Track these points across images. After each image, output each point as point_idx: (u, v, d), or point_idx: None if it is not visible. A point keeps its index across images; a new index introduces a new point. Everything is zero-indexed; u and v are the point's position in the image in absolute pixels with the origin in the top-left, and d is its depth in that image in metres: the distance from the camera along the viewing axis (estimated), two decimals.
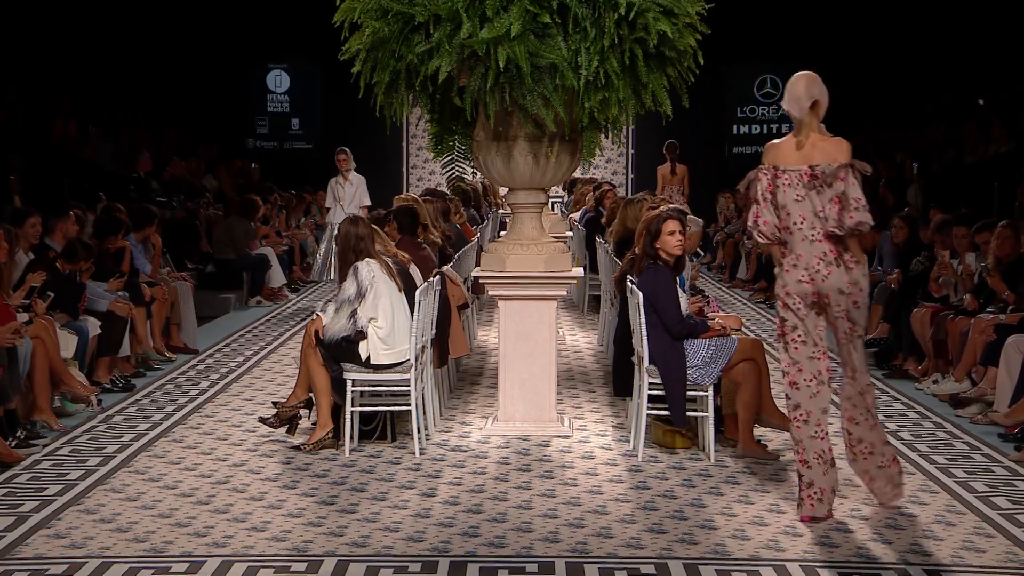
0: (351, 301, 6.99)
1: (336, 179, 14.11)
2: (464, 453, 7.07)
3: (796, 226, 5.71)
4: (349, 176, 14.09)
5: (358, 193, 14.00)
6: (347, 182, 14.07)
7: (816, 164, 5.67)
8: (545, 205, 7.85)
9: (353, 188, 14.02)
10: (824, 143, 5.72)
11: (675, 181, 17.94)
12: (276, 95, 21.73)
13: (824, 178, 5.66)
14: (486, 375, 9.60)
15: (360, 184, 14.08)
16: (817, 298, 5.74)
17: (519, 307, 7.59)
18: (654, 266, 6.99)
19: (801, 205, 5.70)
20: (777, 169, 5.75)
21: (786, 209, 5.72)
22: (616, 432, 7.59)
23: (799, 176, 5.70)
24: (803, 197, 5.69)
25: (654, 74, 6.88)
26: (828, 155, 5.68)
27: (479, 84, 6.80)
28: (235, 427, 7.71)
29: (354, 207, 13.67)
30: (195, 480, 6.44)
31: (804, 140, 5.72)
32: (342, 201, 13.90)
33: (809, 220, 5.68)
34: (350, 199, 13.94)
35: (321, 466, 6.74)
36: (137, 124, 17.75)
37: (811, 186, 5.67)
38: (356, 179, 14.09)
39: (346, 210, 13.41)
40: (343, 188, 14.04)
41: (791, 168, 5.71)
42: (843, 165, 5.65)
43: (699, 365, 6.87)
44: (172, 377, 9.47)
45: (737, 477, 6.52)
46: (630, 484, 6.41)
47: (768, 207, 5.76)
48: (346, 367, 7.02)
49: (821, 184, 5.66)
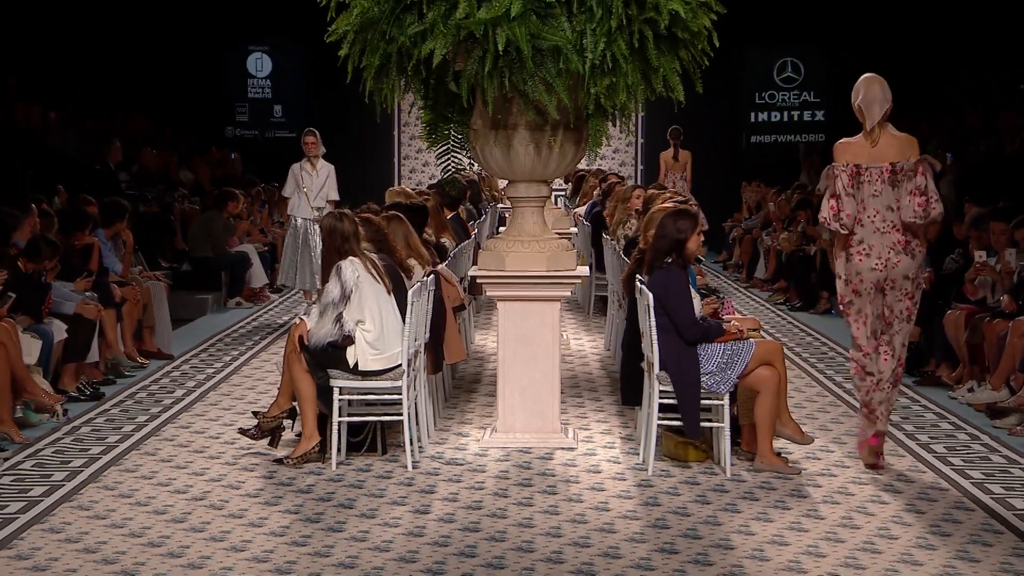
0: (335, 304, 7.00)
1: (301, 164, 12.92)
2: (460, 467, 7.08)
3: (870, 219, 6.86)
4: (317, 164, 12.90)
5: (326, 185, 12.87)
6: (314, 170, 12.87)
7: (895, 161, 6.82)
8: (547, 199, 7.87)
9: (320, 178, 12.85)
10: (896, 140, 6.87)
11: (678, 167, 18.35)
12: (257, 80, 21.74)
13: (904, 173, 6.81)
14: (484, 382, 9.61)
15: (328, 174, 12.92)
16: (884, 283, 6.93)
17: (519, 309, 7.60)
18: (666, 265, 7.00)
19: (877, 200, 6.84)
20: (859, 167, 6.86)
21: (863, 203, 6.86)
22: (624, 444, 7.60)
23: (880, 173, 6.84)
24: (880, 192, 6.84)
25: (665, 57, 6.89)
26: (902, 152, 6.83)
27: (476, 68, 6.81)
28: (213, 439, 7.72)
29: (320, 200, 12.74)
30: (169, 496, 6.45)
31: (878, 139, 6.87)
32: (307, 191, 12.79)
33: (882, 213, 6.84)
34: (316, 190, 12.81)
35: (306, 481, 6.75)
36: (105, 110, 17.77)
37: (891, 182, 6.81)
38: (324, 168, 12.93)
39: (312, 203, 12.66)
40: (310, 176, 12.84)
41: (873, 165, 6.84)
42: (918, 160, 6.83)
43: (714, 371, 6.88)
44: (144, 385, 9.48)
45: (755, 493, 6.53)
46: (639, 500, 6.42)
47: (850, 201, 6.86)
48: (332, 374, 7.03)
49: (901, 179, 6.81)
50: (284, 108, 21.69)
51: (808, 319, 12.97)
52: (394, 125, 22.16)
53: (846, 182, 6.86)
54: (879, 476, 6.85)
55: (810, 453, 7.30)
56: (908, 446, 7.52)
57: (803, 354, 10.91)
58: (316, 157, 12.90)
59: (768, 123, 21.64)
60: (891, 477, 6.84)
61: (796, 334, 12.14)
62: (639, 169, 22.25)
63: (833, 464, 7.11)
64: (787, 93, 21.55)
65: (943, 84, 19.41)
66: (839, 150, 6.97)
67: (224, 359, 10.67)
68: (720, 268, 18.20)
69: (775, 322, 12.90)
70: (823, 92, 21.00)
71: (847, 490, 6.59)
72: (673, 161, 18.52)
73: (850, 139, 6.97)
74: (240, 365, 10.35)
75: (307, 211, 12.69)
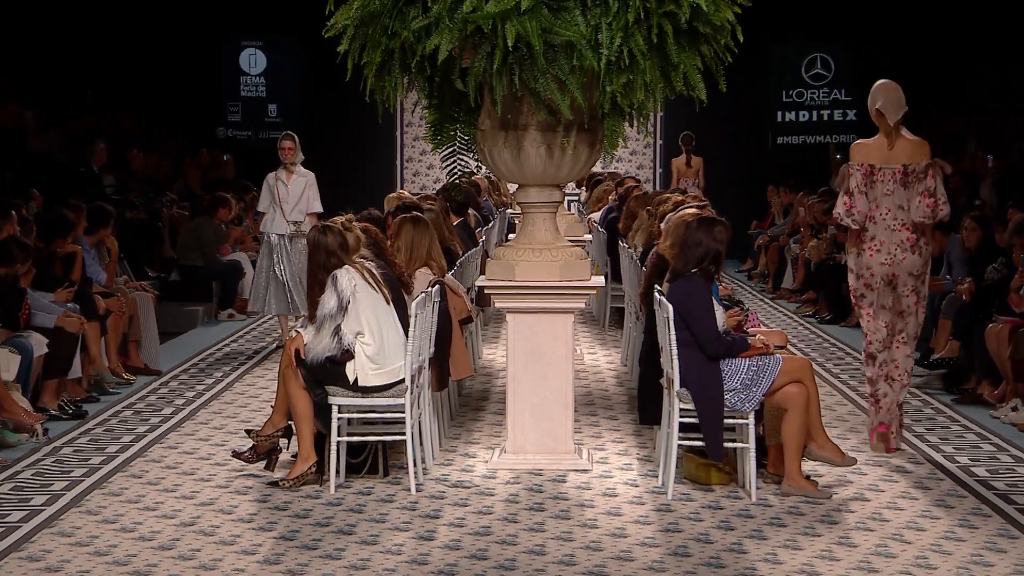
0: (333, 316, 7.00)
1: (277, 174, 12.06)
2: (467, 490, 7.07)
3: (881, 216, 7.74)
4: (295, 171, 12.05)
5: (305, 195, 12.00)
6: (291, 179, 12.00)
7: (908, 163, 7.69)
8: (560, 204, 7.87)
9: (298, 189, 11.99)
10: (910, 144, 7.76)
11: (690, 173, 19.00)
12: (250, 77, 21.80)
13: (915, 175, 7.69)
14: (492, 400, 9.61)
15: (308, 184, 12.07)
16: (892, 277, 7.78)
17: (530, 321, 7.60)
18: (688, 275, 6.99)
19: (889, 199, 7.72)
20: (873, 167, 7.73)
21: (876, 202, 7.73)
22: (642, 466, 7.59)
23: (893, 174, 7.71)
24: (892, 192, 7.71)
25: (686, 53, 6.89)
26: (914, 155, 7.73)
27: (484, 65, 6.82)
28: (203, 460, 7.73)
29: (299, 214, 11.93)
30: (156, 521, 6.46)
31: (894, 141, 7.74)
32: (283, 204, 11.92)
33: (893, 212, 7.71)
34: (293, 203, 11.94)
35: (302, 505, 6.75)
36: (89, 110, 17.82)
37: (903, 183, 7.69)
38: (303, 176, 12.07)
39: (288, 216, 11.89)
40: (285, 187, 11.97)
41: (887, 167, 7.71)
42: (929, 163, 7.71)
43: (738, 388, 6.88)
44: (130, 403, 9.49)
45: (783, 519, 6.52)
46: (659, 526, 6.41)
47: (863, 199, 7.73)
48: (331, 391, 7.03)
49: (912, 180, 7.69)
50: (279, 107, 21.74)
51: (839, 332, 12.94)
52: (396, 126, 22.19)
53: (860, 181, 7.73)
54: (917, 500, 6.83)
55: (842, 476, 7.28)
56: (948, 469, 7.50)
57: (833, 370, 10.88)
58: (294, 164, 12.06)
59: (796, 123, 21.64)
60: (930, 502, 6.82)
61: (826, 348, 12.11)
62: (657, 172, 22.25)
63: (867, 487, 7.10)
64: (816, 91, 21.55)
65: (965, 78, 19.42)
66: (855, 150, 7.88)
67: (215, 375, 10.68)
68: (744, 278, 18.19)
69: (804, 336, 12.88)
70: (854, 90, 20.98)
71: (882, 516, 6.57)
72: (686, 167, 19.06)
73: (867, 140, 7.87)
74: (232, 381, 10.36)
75: (282, 226, 11.94)
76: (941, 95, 19.63)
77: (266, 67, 21.78)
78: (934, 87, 19.72)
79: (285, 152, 12.08)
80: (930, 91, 19.44)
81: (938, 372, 10.02)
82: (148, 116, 19.31)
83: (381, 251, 7.52)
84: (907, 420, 8.64)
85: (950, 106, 18.72)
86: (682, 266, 7.03)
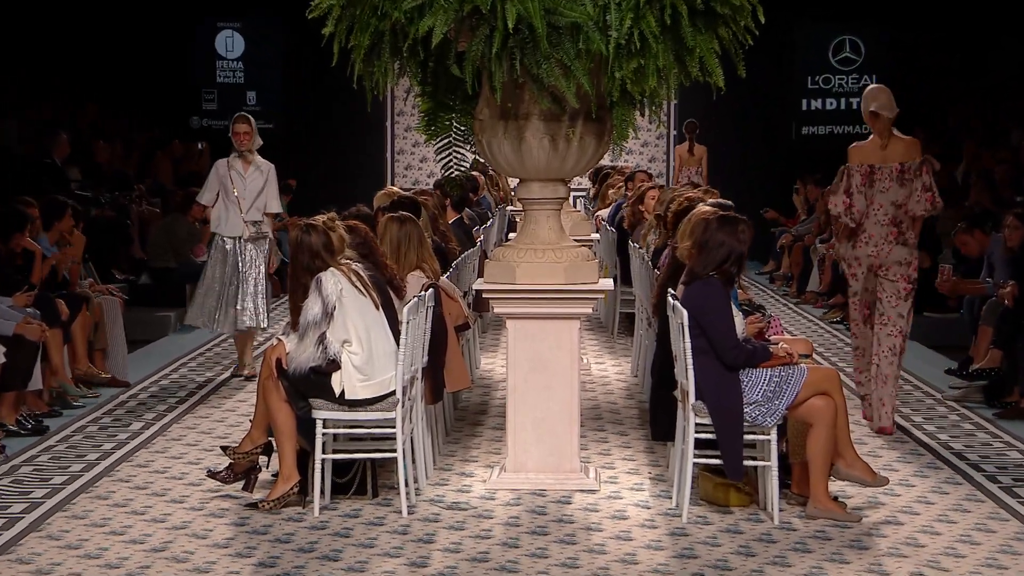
0: (317, 323, 7.01)
1: (230, 162, 10.98)
2: (464, 512, 7.08)
3: (874, 212, 8.86)
4: (252, 161, 10.98)
5: (265, 192, 10.98)
6: (247, 170, 10.94)
7: (903, 161, 8.83)
8: (565, 200, 7.89)
9: (257, 182, 10.94)
10: (903, 143, 8.90)
11: (693, 162, 19.90)
12: (227, 62, 21.84)
13: (911, 172, 8.82)
14: (491, 414, 9.62)
15: (267, 176, 11.00)
16: (878, 268, 8.91)
17: (533, 328, 7.61)
18: (706, 277, 7.00)
19: (885, 195, 8.84)
20: (873, 167, 8.84)
21: (872, 199, 8.85)
22: (655, 486, 7.60)
23: (890, 172, 8.84)
24: (887, 189, 8.83)
25: (702, 36, 6.91)
26: (908, 153, 8.87)
27: (483, 49, 6.83)
28: (175, 480, 7.73)
29: (256, 212, 10.94)
30: (124, 547, 6.46)
31: (887, 142, 8.86)
32: (240, 200, 10.89)
33: (885, 207, 8.84)
34: (251, 198, 10.91)
35: (284, 528, 6.76)
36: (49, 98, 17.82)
37: (900, 180, 8.81)
38: (261, 168, 10.99)
39: (245, 215, 10.90)
40: (242, 180, 10.92)
41: (884, 166, 8.84)
42: (922, 161, 8.85)
43: (759, 401, 6.88)
44: (96, 417, 9.50)
45: (808, 543, 6.53)
46: (672, 552, 6.42)
47: (860, 198, 8.84)
48: (315, 404, 7.04)
49: (908, 177, 8.82)
50: (258, 95, 21.77)
51: None
52: (387, 115, 22.23)
53: (859, 181, 8.86)
54: (955, 524, 6.84)
55: (872, 497, 7.29)
56: (988, 489, 7.50)
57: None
58: (251, 152, 10.95)
59: (822, 112, 21.66)
60: (968, 526, 6.83)
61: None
62: (671, 165, 22.28)
63: (900, 510, 7.11)
64: (844, 77, 21.56)
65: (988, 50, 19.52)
66: (853, 152, 8.99)
67: (189, 386, 10.69)
68: (766, 280, 18.20)
69: (831, 344, 12.89)
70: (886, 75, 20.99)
71: (916, 541, 6.58)
72: (688, 155, 19.87)
73: (862, 143, 9.04)
74: (208, 394, 10.37)
75: (238, 227, 10.91)
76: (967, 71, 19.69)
77: (244, 51, 21.80)
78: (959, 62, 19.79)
79: (240, 137, 10.91)
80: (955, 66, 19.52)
81: (978, 384, 10.02)
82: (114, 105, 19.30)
83: (371, 251, 7.52)
84: (944, 436, 8.76)
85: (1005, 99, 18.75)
86: (700, 268, 7.04)
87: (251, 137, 10.94)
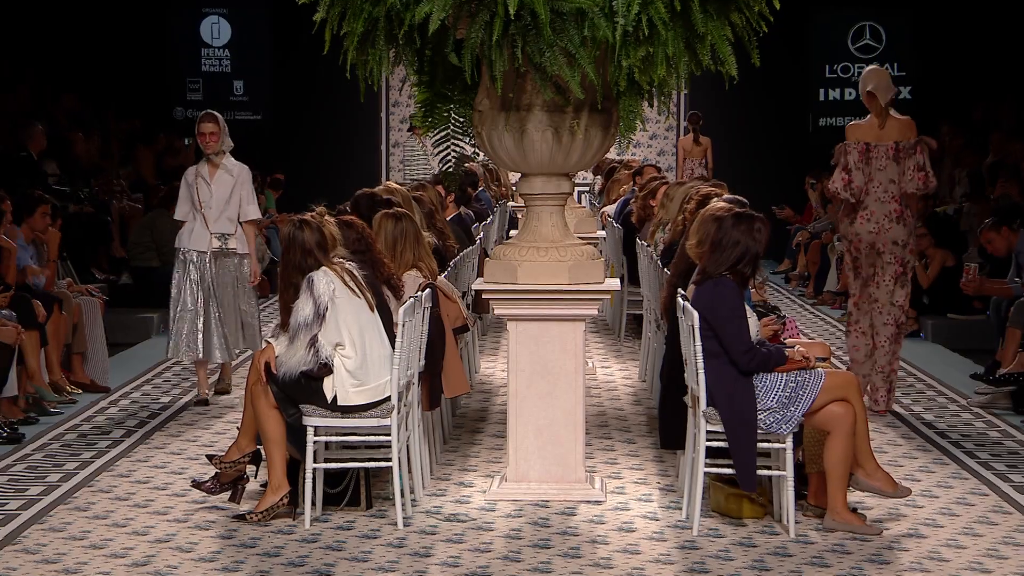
0: (308, 325, 7.01)
1: (197, 169, 10.29)
2: (462, 524, 7.09)
3: (874, 189, 9.64)
4: (221, 164, 10.22)
5: (236, 197, 10.21)
6: (215, 175, 10.19)
7: (899, 140, 9.61)
8: (569, 196, 7.89)
9: (225, 188, 10.19)
10: (899, 123, 9.71)
11: (697, 153, 20.29)
12: (213, 50, 21.86)
13: (905, 151, 9.63)
14: (491, 421, 9.63)
15: (240, 181, 10.25)
16: (877, 245, 9.66)
17: (535, 330, 7.62)
18: (718, 278, 7.00)
19: (882, 173, 9.63)
20: (869, 145, 9.64)
21: (870, 176, 9.64)
22: (664, 497, 7.61)
23: (886, 150, 9.64)
24: (884, 167, 9.63)
25: (714, 22, 6.91)
26: (904, 132, 9.65)
27: (482, 36, 6.84)
28: (159, 490, 7.74)
29: (227, 223, 10.19)
30: (104, 561, 6.47)
31: (884, 121, 9.66)
32: (205, 209, 10.15)
33: (884, 185, 9.63)
34: (219, 208, 10.16)
35: (273, 542, 6.77)
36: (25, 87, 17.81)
37: (895, 158, 9.61)
38: (232, 171, 10.25)
39: (211, 226, 10.16)
40: (208, 187, 10.17)
41: (880, 144, 9.63)
42: (917, 140, 9.64)
43: (774, 408, 6.89)
44: (74, 424, 9.51)
45: (825, 558, 6.54)
46: (683, 565, 6.43)
47: (859, 174, 9.64)
48: (306, 410, 7.05)
49: (903, 156, 9.62)
50: (246, 84, 21.80)
51: None
52: (381, 106, 22.24)
53: (856, 158, 9.63)
54: (981, 537, 6.84)
55: (893, 509, 7.30)
56: (1016, 501, 7.50)
57: None
58: (219, 155, 10.22)
59: (841, 102, 21.67)
60: (996, 539, 6.83)
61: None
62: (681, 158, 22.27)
63: (922, 522, 7.11)
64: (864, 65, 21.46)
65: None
66: (851, 130, 9.80)
67: (172, 392, 10.70)
68: (781, 280, 18.21)
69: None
70: (909, 64, 21.03)
71: (940, 555, 6.59)
72: (693, 146, 20.19)
73: (860, 121, 9.88)
74: (192, 400, 10.37)
75: (203, 240, 10.18)
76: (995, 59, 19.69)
77: (231, 38, 21.83)
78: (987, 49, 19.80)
79: (206, 139, 10.17)
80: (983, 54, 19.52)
81: (1005, 389, 10.03)
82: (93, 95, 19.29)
83: (369, 247, 7.53)
84: (970, 445, 8.79)
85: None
86: (713, 267, 7.04)
87: (219, 138, 10.18)
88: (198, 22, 21.75)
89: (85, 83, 19.45)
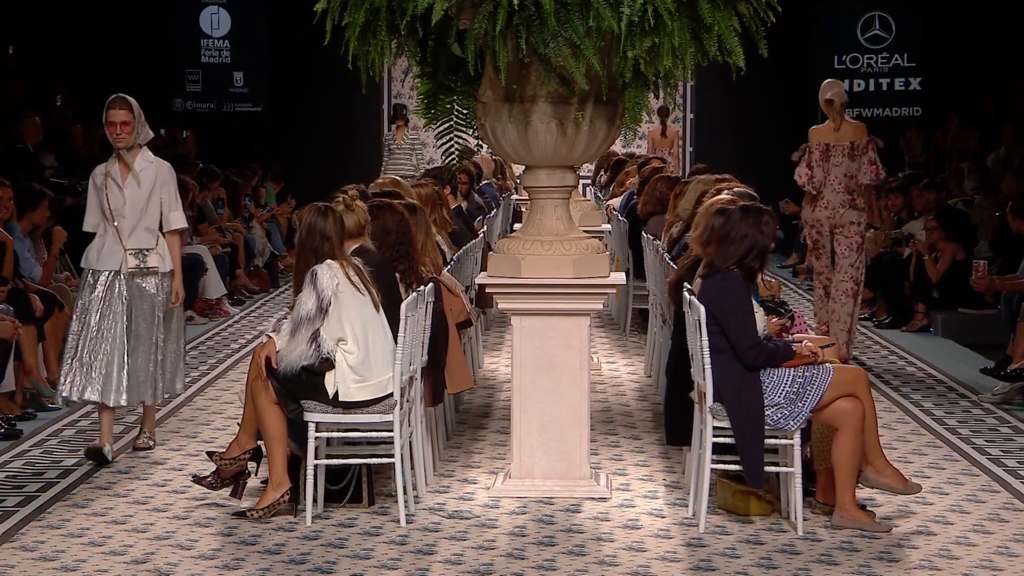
0: (311, 319, 7.01)
1: (107, 168, 8.45)
2: (466, 521, 7.10)
3: (831, 182, 11.59)
4: (135, 162, 8.41)
5: (155, 202, 8.41)
6: (127, 177, 8.38)
7: (853, 140, 11.59)
8: (574, 188, 7.90)
9: (142, 192, 8.37)
10: (852, 126, 11.80)
11: (665, 144, 21.57)
12: (212, 40, 21.85)
13: (859, 149, 11.58)
14: (495, 416, 9.64)
15: (160, 182, 8.45)
16: (836, 228, 11.61)
17: (539, 325, 7.63)
18: (724, 272, 7.01)
19: (838, 169, 11.57)
20: (829, 145, 11.60)
21: (828, 171, 11.59)
22: (670, 493, 7.62)
23: (842, 149, 11.59)
24: (840, 164, 11.56)
25: (720, 12, 6.91)
26: (857, 134, 11.67)
27: (486, 27, 6.84)
28: (158, 487, 7.75)
29: (146, 235, 8.35)
30: (104, 559, 6.48)
31: (840, 124, 11.66)
32: (117, 218, 8.33)
33: (839, 178, 11.56)
34: (135, 216, 8.34)
35: (274, 539, 6.78)
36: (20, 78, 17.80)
37: (850, 156, 11.56)
38: (151, 170, 8.46)
39: (125, 240, 8.29)
40: (119, 191, 8.37)
41: (837, 144, 11.59)
42: (869, 140, 11.65)
43: (781, 403, 6.90)
44: (73, 420, 9.51)
45: (834, 555, 6.55)
46: (688, 563, 6.44)
47: (819, 170, 11.60)
48: (307, 406, 7.06)
49: (857, 153, 11.57)
50: (246, 75, 21.79)
51: (899, 338, 12.98)
52: (383, 97, 22.23)
53: (817, 156, 11.60)
54: (992, 535, 6.85)
55: (903, 505, 7.31)
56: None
57: (893, 382, 10.91)
58: (134, 150, 8.42)
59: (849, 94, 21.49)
60: (1006, 537, 6.84)
61: (884, 357, 12.14)
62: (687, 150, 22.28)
63: (932, 519, 7.12)
64: (874, 56, 21.54)
65: None
66: (813, 133, 11.77)
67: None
68: (789, 274, 18.20)
69: (858, 342, 12.89)
70: (919, 55, 21.00)
71: (950, 552, 6.60)
72: (661, 138, 21.51)
73: (819, 126, 11.88)
74: (192, 395, 10.38)
75: (115, 257, 8.35)
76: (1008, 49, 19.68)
77: (231, 29, 21.81)
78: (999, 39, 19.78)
79: (116, 129, 8.39)
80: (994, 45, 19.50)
81: (1017, 385, 10.03)
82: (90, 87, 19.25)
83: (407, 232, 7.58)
84: (980, 441, 8.81)
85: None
86: (720, 261, 7.04)
87: (132, 128, 8.41)
88: (197, 13, 21.74)
89: (83, 74, 19.43)
